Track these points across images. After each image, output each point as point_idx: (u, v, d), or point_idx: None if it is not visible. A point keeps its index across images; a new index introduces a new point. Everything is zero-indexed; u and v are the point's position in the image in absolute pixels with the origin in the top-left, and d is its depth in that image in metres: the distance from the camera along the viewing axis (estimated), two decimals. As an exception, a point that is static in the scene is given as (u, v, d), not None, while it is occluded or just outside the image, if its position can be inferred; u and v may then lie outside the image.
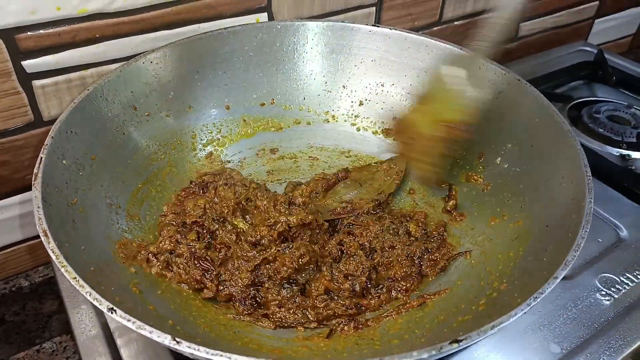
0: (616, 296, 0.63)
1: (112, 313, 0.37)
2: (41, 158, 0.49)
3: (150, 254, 0.55)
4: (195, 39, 0.68)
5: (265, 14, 0.78)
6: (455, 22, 1.01)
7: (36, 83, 0.66)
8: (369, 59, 0.74)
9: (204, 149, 0.71)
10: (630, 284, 0.65)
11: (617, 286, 0.64)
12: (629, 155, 0.86)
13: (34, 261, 0.80)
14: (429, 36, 0.71)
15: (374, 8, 0.88)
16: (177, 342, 0.35)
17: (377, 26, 0.73)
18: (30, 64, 0.64)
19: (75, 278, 0.39)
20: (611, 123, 0.92)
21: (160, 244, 0.56)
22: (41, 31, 0.63)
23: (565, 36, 1.23)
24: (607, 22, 1.29)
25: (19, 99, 0.66)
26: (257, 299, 0.55)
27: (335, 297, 0.55)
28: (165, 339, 0.35)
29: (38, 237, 0.77)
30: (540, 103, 0.61)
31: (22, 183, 0.72)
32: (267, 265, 0.56)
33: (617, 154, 0.86)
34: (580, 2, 1.18)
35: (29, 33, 0.62)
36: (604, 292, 0.63)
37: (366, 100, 0.75)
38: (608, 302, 0.62)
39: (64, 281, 0.65)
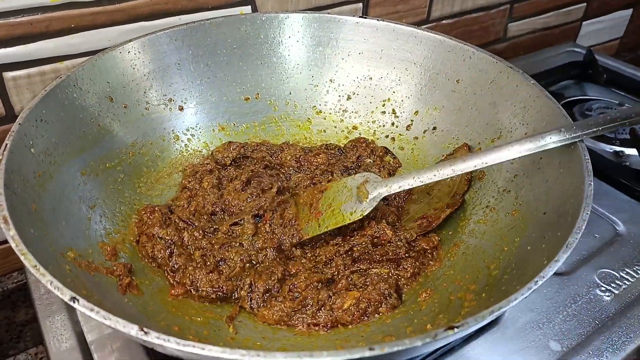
0: (616, 292, 0.61)
1: (74, 302, 0.34)
2: (6, 145, 0.46)
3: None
4: (175, 30, 0.66)
5: (249, 7, 0.76)
6: (444, 21, 1.00)
7: (7, 75, 0.63)
8: (356, 51, 0.72)
9: (185, 142, 0.68)
10: (630, 279, 0.63)
11: (617, 282, 0.62)
12: (622, 151, 0.85)
13: (7, 266, 0.76)
14: (418, 27, 0.69)
15: (361, 4, 0.87)
16: (145, 333, 0.32)
17: (365, 17, 0.71)
18: (1, 54, 0.61)
19: (36, 266, 0.36)
20: (603, 120, 0.91)
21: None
22: (11, 19, 0.60)
23: (554, 38, 1.22)
24: (594, 24, 1.29)
25: (-12, 92, 0.63)
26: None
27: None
28: (132, 330, 0.32)
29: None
30: (532, 89, 0.59)
31: (-7, 182, 0.68)
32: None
33: (611, 151, 0.85)
34: (568, 3, 1.18)
35: (-2, 21, 0.59)
36: (603, 288, 0.61)
37: (354, 94, 0.73)
38: (608, 298, 0.60)
39: (37, 287, 0.61)
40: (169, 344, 0.31)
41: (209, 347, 0.31)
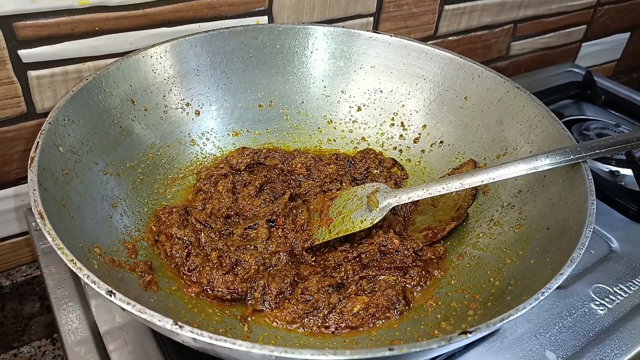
0: (610, 306, 0.63)
1: (110, 296, 0.36)
2: (38, 142, 0.48)
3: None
4: (196, 37, 0.68)
5: (265, 17, 0.78)
6: (450, 38, 1.03)
7: (32, 73, 0.64)
8: (368, 65, 0.74)
9: (200, 146, 0.70)
10: (623, 294, 0.65)
11: (611, 296, 0.65)
12: (618, 171, 0.88)
13: (16, 260, 0.78)
14: (429, 44, 0.72)
15: (372, 18, 0.89)
16: (180, 327, 0.34)
17: (378, 33, 0.73)
18: (27, 54, 0.63)
19: (73, 260, 0.38)
20: (600, 140, 0.94)
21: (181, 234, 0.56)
22: (40, 20, 0.62)
23: (554, 58, 1.26)
24: (593, 46, 1.33)
25: (12, 89, 0.64)
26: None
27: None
28: (167, 323, 0.34)
29: (22, 234, 0.75)
30: (538, 109, 0.61)
31: (12, 177, 0.70)
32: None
33: (607, 170, 0.88)
34: (569, 24, 1.22)
35: (27, 22, 0.61)
36: (597, 302, 0.64)
37: (364, 105, 0.75)
38: (602, 312, 0.63)
39: (51, 278, 0.63)
40: (202, 337, 0.33)
41: (239, 342, 0.33)
